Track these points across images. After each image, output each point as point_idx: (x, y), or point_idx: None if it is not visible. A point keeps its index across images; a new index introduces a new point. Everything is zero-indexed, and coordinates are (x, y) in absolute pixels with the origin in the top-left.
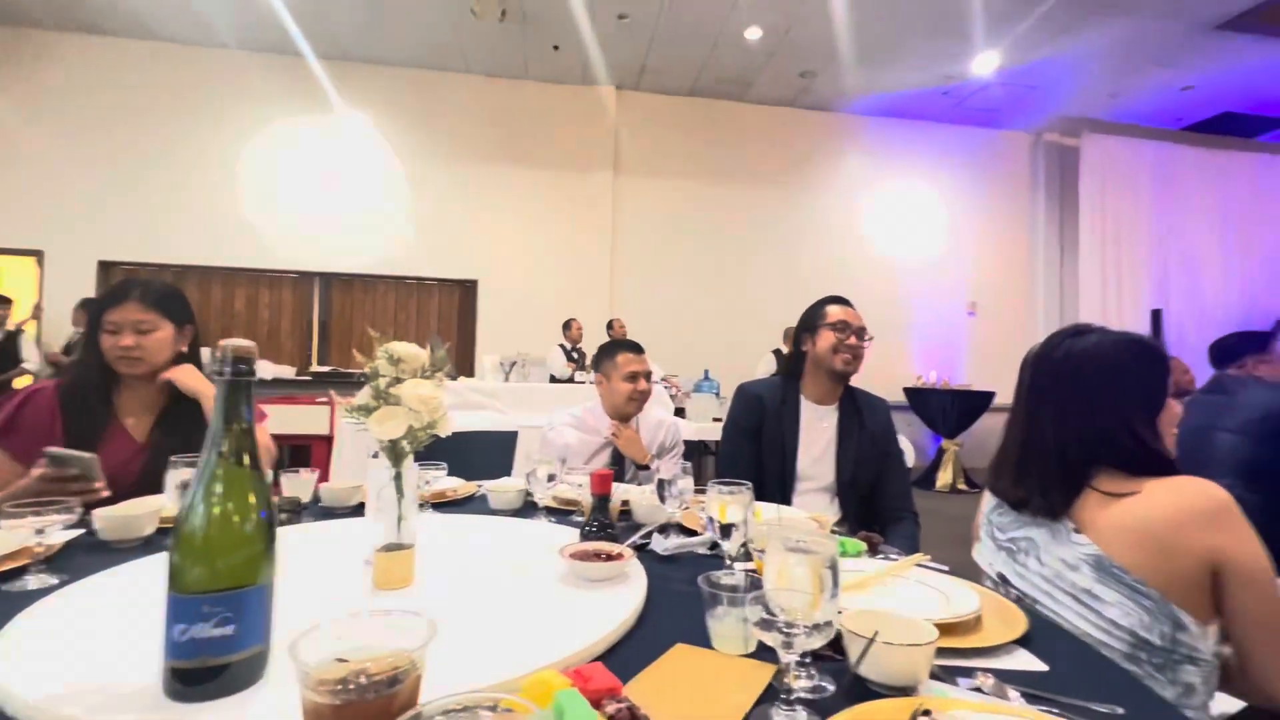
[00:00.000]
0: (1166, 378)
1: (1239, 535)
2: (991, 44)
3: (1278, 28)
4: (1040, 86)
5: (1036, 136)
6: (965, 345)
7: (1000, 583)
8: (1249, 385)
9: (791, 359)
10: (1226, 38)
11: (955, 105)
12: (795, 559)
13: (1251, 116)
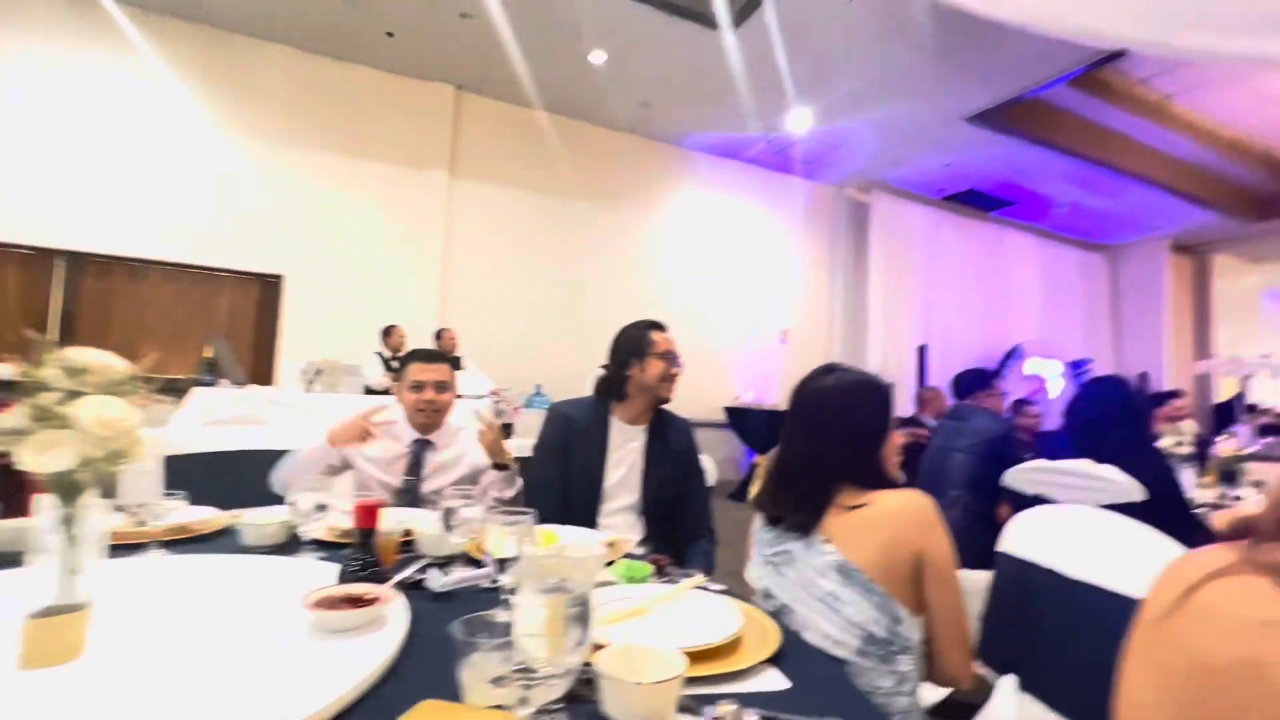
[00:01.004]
0: (889, 411)
1: (938, 538)
2: (806, 104)
3: (1009, 127)
4: (843, 147)
5: (839, 190)
6: (778, 369)
7: (766, 596)
8: (977, 414)
9: (610, 381)
10: (974, 129)
11: (776, 153)
12: (541, 600)
13: (990, 195)
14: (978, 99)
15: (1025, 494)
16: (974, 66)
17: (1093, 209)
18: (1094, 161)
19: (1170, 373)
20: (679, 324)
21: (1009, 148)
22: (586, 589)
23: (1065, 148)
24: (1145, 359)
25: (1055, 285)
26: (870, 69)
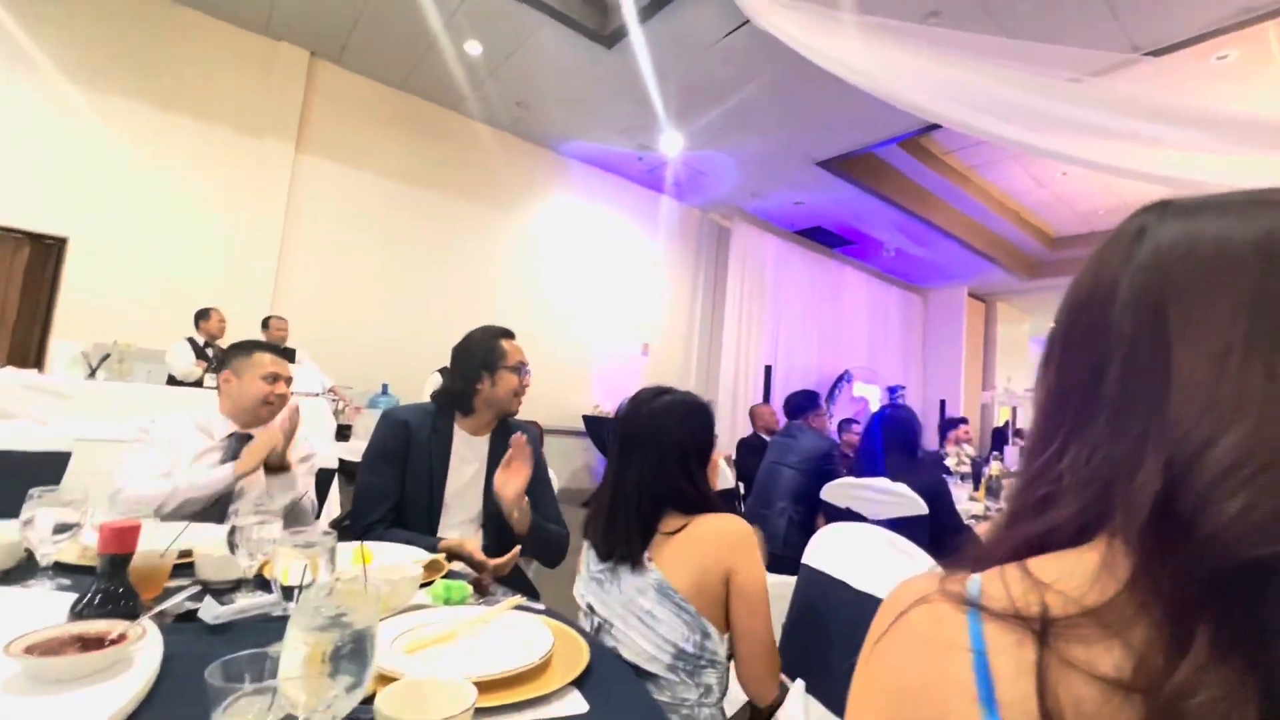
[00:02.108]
0: (712, 433)
1: (749, 561)
2: (676, 128)
3: (851, 176)
4: (709, 174)
5: (704, 214)
6: (639, 381)
7: (589, 612)
8: (805, 433)
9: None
10: (822, 174)
11: (648, 171)
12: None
13: (833, 234)
14: (826, 147)
15: (838, 507)
16: (824, 118)
17: (912, 255)
18: (914, 215)
19: (963, 400)
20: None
21: (850, 194)
22: (367, 622)
23: (893, 200)
24: (945, 388)
25: (880, 319)
26: (735, 105)
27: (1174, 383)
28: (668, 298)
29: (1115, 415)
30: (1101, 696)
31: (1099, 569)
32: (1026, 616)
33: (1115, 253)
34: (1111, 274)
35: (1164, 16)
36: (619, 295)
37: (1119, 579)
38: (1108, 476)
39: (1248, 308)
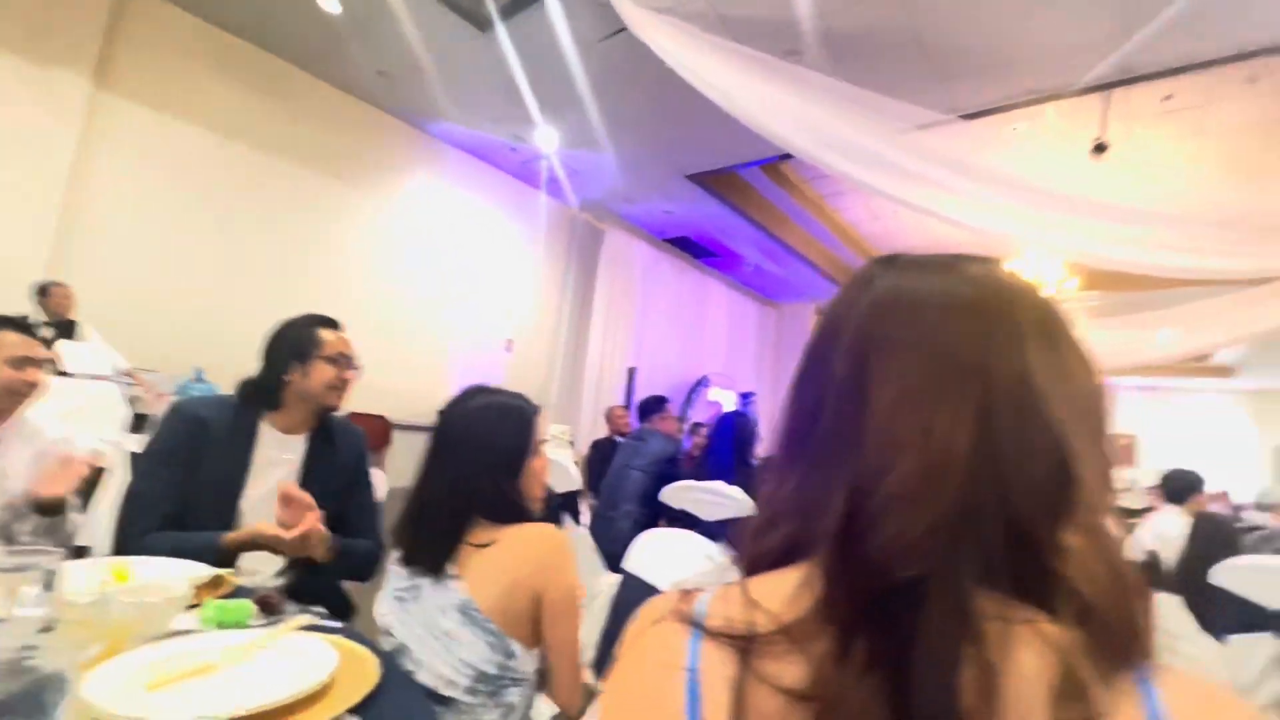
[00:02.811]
0: (531, 437)
1: (561, 577)
2: (552, 124)
3: (717, 192)
4: (583, 174)
5: (577, 213)
6: (500, 377)
7: (386, 634)
8: (653, 436)
9: (259, 387)
10: (690, 186)
11: (522, 163)
12: None
13: (699, 245)
14: (696, 161)
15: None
16: (696, 133)
17: (769, 272)
18: (771, 235)
19: None
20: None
21: (716, 209)
22: (59, 664)
23: (754, 219)
24: None
25: (738, 329)
26: (612, 109)
27: (868, 422)
28: (535, 294)
29: (824, 448)
30: (784, 708)
31: (799, 587)
32: (734, 634)
33: (847, 297)
34: (840, 316)
35: (976, 89)
36: (484, 288)
37: (812, 597)
38: (811, 503)
39: (926, 359)
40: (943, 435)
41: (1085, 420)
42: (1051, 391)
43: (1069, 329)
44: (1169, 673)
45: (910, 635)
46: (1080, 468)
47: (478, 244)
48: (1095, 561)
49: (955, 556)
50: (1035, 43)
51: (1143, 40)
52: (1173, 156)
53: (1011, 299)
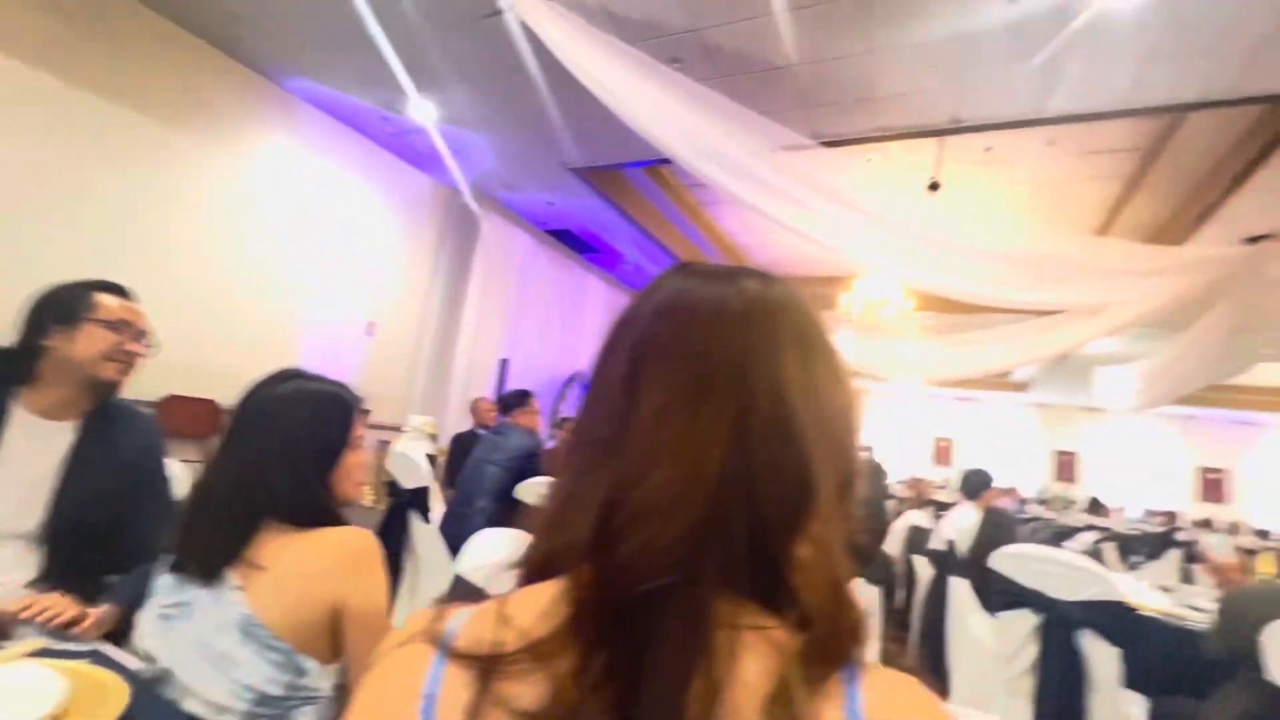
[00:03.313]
0: (347, 431)
1: (365, 583)
2: (430, 98)
3: (599, 188)
4: (464, 155)
5: (455, 194)
6: (358, 361)
7: (146, 659)
8: (514, 431)
9: (12, 352)
10: (572, 179)
11: (395, 136)
12: None
13: (581, 239)
14: (579, 155)
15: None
16: (580, 126)
17: (648, 272)
18: (651, 236)
19: None
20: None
21: (598, 205)
22: None
23: (635, 219)
24: None
25: None
26: (495, 91)
27: (633, 429)
28: (403, 275)
29: (592, 455)
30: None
31: (556, 601)
32: (477, 655)
33: (636, 302)
34: (626, 321)
35: (836, 119)
36: (345, 264)
37: (566, 611)
38: (573, 511)
39: (691, 369)
40: (698, 446)
41: (830, 434)
42: (801, 406)
43: (826, 343)
44: (873, 672)
45: (645, 647)
46: (820, 482)
47: (340, 216)
48: (819, 572)
49: (698, 566)
50: (885, 86)
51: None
52: (994, 200)
53: (775, 313)
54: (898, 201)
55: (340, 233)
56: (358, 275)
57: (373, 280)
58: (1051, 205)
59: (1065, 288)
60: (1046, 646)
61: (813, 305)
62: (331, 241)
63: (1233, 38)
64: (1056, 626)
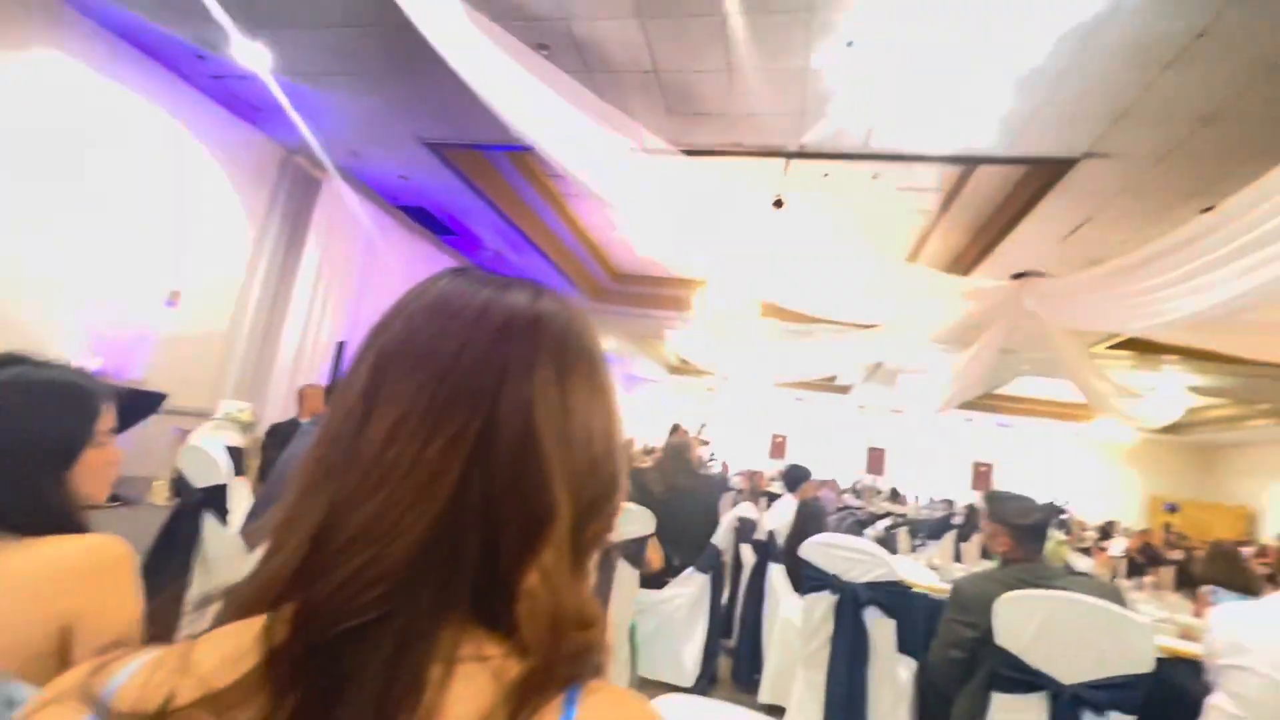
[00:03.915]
0: (86, 424)
1: (105, 598)
2: (262, 41)
3: (458, 168)
4: (303, 111)
5: (290, 154)
6: (157, 335)
7: None
8: None
9: None
10: (428, 155)
11: (214, 80)
12: None
13: (438, 220)
14: (437, 130)
15: None
16: (440, 99)
17: (508, 261)
18: (512, 223)
19: None
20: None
21: (456, 185)
22: None
23: (497, 205)
24: None
25: None
26: (343, 46)
27: (361, 449)
28: (217, 240)
29: (318, 476)
30: None
31: (257, 640)
32: (141, 714)
33: (400, 301)
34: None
35: (696, 129)
36: (142, 221)
37: (259, 653)
38: (289, 538)
39: (436, 383)
40: (431, 466)
41: (580, 457)
42: (549, 426)
43: (590, 361)
44: (595, 694)
45: (342, 689)
46: (558, 508)
47: (138, 164)
48: (541, 601)
49: (415, 596)
50: (741, 105)
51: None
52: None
53: (537, 326)
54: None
55: (138, 184)
56: (160, 235)
57: (179, 242)
58: (874, 232)
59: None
60: (839, 622)
61: (586, 321)
62: (126, 193)
63: (1011, 109)
64: (848, 604)
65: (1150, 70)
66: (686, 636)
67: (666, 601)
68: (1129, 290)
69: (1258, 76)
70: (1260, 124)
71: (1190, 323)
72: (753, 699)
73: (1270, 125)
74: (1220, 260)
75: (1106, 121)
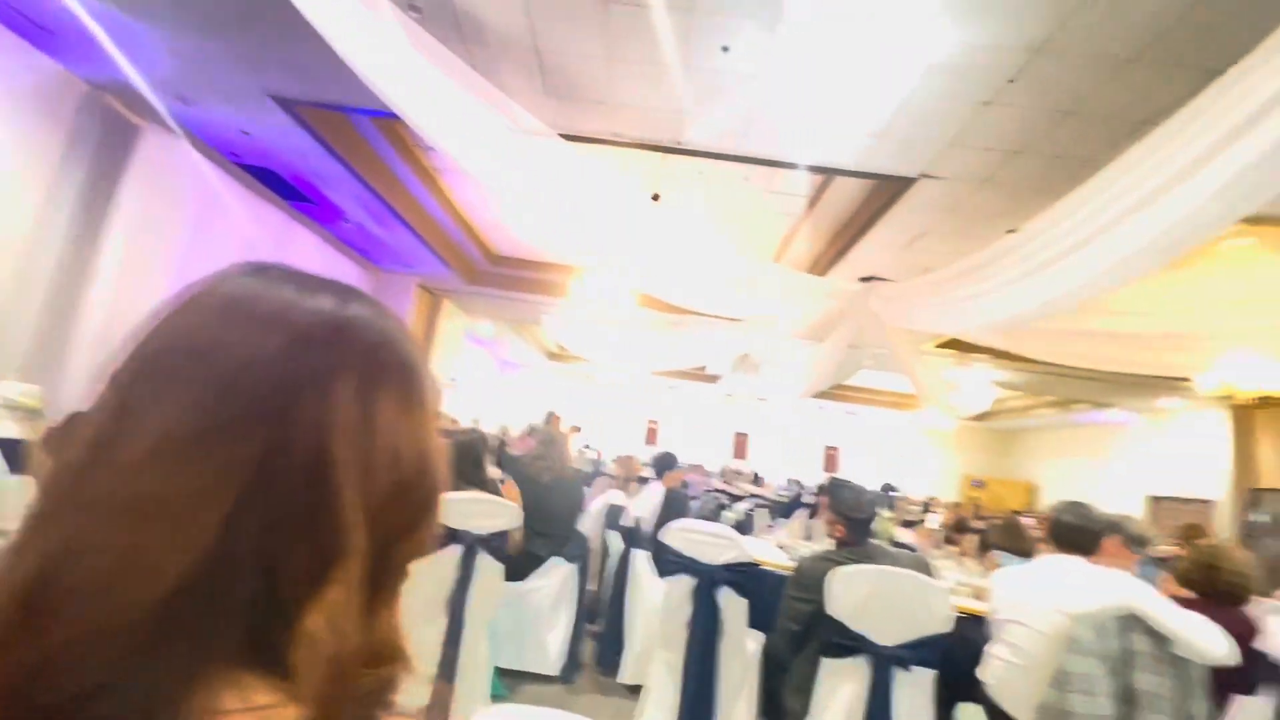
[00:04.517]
0: None
1: None
2: None
3: (315, 129)
4: (122, 45)
5: (96, 91)
6: None
7: None
8: None
9: None
10: (278, 111)
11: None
12: None
13: (289, 184)
14: (289, 84)
15: None
16: (287, 51)
17: (372, 234)
18: (378, 195)
19: None
20: None
21: (313, 148)
22: None
23: (361, 174)
24: None
25: None
26: None
27: (101, 479)
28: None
29: (39, 508)
30: None
31: None
32: None
33: (182, 297)
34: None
35: (576, 116)
36: None
37: None
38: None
39: (213, 399)
40: (192, 502)
41: (383, 481)
42: (346, 450)
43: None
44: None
45: None
46: (351, 540)
47: None
48: (320, 646)
49: (161, 659)
50: (621, 95)
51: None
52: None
53: (343, 335)
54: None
55: None
56: None
57: None
58: (744, 231)
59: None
60: (697, 603)
61: (403, 331)
62: None
63: (865, 128)
64: (705, 586)
65: (973, 106)
66: (551, 625)
67: (532, 592)
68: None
69: (1056, 121)
70: (1056, 161)
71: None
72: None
73: (1064, 162)
74: (1019, 276)
75: (939, 147)
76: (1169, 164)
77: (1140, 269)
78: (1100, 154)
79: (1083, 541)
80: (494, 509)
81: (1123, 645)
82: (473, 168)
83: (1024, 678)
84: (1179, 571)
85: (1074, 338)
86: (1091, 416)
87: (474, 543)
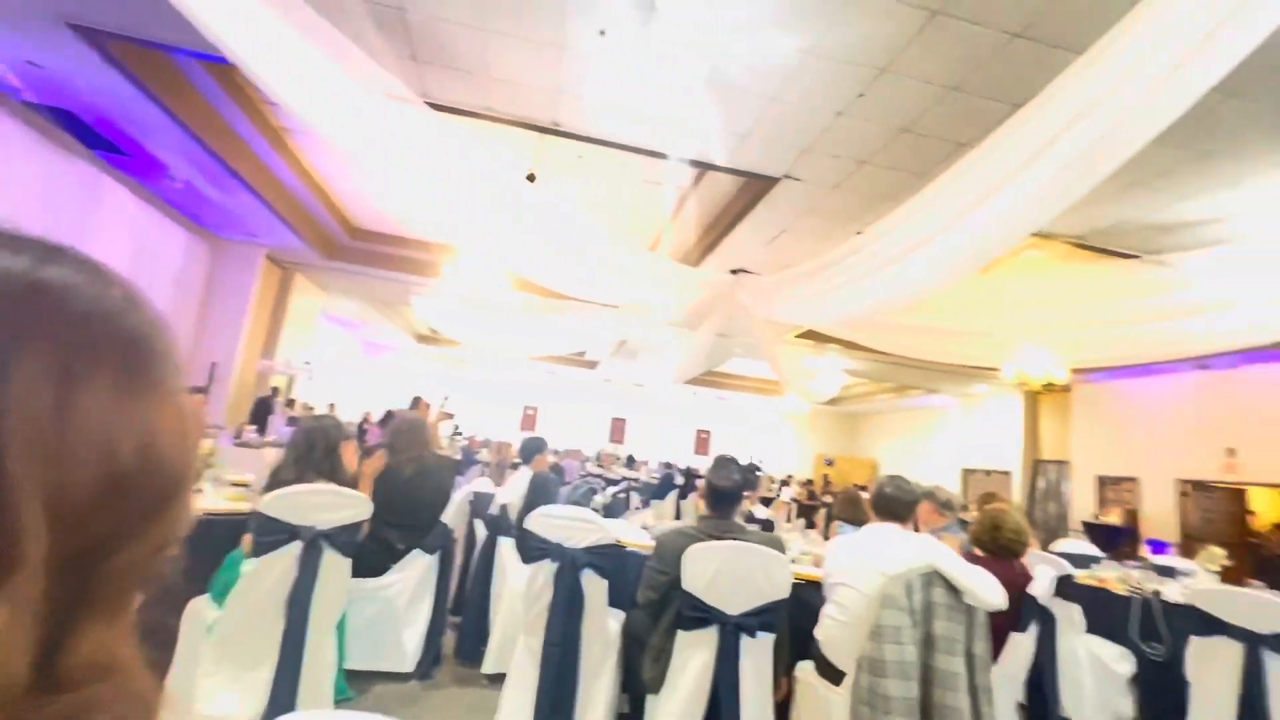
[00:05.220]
0: None
1: None
2: None
3: (127, 67)
4: None
5: None
6: None
7: None
8: None
9: None
10: (78, 43)
11: None
12: None
13: (94, 130)
14: (86, 11)
15: None
16: None
17: (207, 197)
18: (214, 153)
19: (238, 365)
20: None
21: (126, 90)
22: None
23: (189, 126)
24: (220, 350)
25: (149, 258)
26: None
27: None
28: None
29: None
30: None
31: None
32: None
33: None
34: None
35: (445, 84)
36: None
37: None
38: None
39: None
40: None
41: (81, 478)
42: (25, 439)
43: (124, 353)
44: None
45: None
46: (27, 548)
47: None
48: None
49: None
50: (497, 69)
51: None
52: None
53: (36, 303)
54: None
55: None
56: None
57: None
58: (622, 218)
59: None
60: (558, 586)
61: (130, 301)
62: None
63: (735, 126)
64: (567, 569)
65: (828, 115)
66: (408, 621)
67: (387, 587)
68: (804, 292)
69: (895, 137)
70: (895, 172)
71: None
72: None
73: (901, 174)
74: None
75: (798, 150)
76: (977, 185)
77: (956, 273)
78: (933, 169)
79: (899, 511)
80: (338, 500)
81: (925, 598)
82: (323, 128)
83: (850, 633)
84: (971, 533)
85: (905, 332)
86: (922, 401)
87: (316, 538)
